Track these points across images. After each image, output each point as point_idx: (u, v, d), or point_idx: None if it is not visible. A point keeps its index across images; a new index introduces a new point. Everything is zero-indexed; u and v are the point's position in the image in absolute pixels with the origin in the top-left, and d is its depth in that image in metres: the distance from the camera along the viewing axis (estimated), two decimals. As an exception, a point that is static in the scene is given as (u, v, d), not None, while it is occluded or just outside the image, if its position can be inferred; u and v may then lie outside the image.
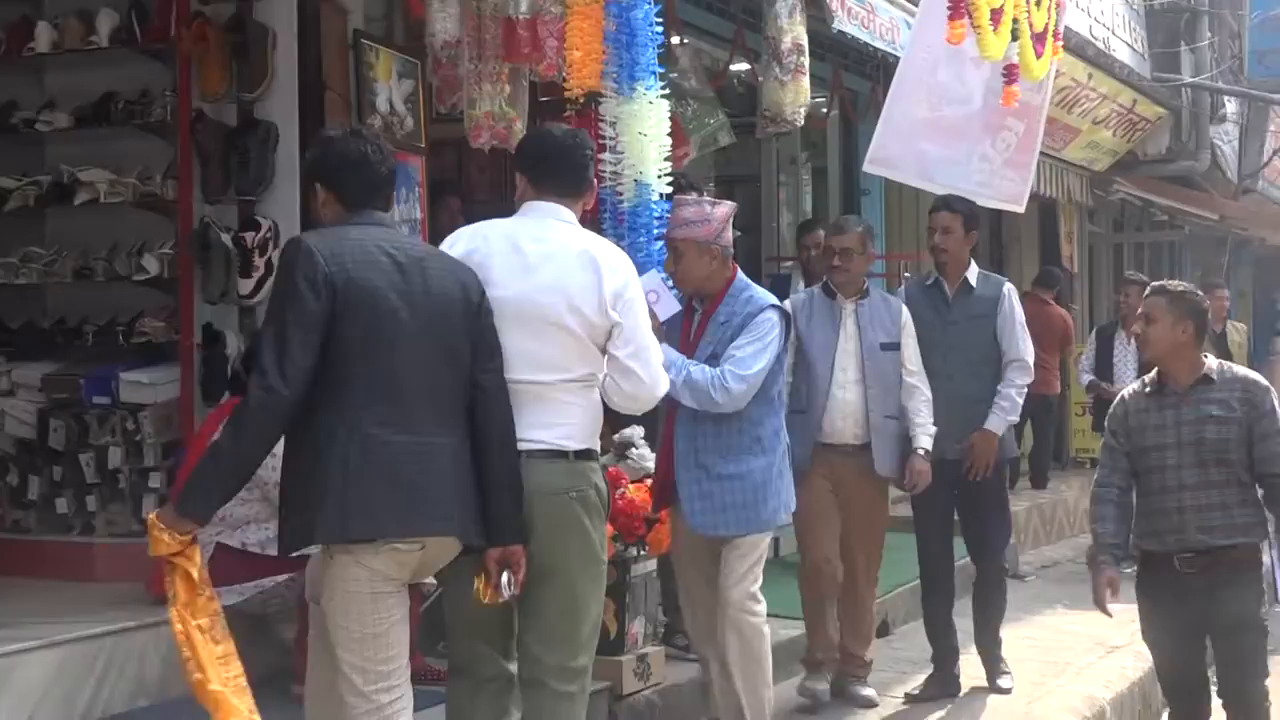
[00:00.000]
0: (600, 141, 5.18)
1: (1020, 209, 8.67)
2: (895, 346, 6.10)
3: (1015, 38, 7.40)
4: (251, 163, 5.89)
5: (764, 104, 6.93)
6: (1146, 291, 5.23)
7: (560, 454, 3.99)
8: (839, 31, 7.53)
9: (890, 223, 11.30)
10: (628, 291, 4.05)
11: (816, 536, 6.00)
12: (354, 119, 5.98)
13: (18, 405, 6.25)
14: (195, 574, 3.58)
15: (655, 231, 5.15)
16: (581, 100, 5.27)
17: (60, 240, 6.51)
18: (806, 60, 6.82)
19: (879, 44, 7.91)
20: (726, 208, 5.29)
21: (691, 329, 5.27)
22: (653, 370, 4.10)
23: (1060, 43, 8.37)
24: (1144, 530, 5.08)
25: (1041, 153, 9.25)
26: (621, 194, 5.14)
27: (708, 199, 5.33)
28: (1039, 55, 7.74)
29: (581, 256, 4.02)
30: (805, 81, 6.83)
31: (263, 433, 3.61)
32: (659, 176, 5.16)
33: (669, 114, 5.30)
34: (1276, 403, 5.00)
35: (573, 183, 4.18)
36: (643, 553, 5.65)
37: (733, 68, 8.53)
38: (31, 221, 6.72)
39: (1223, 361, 5.18)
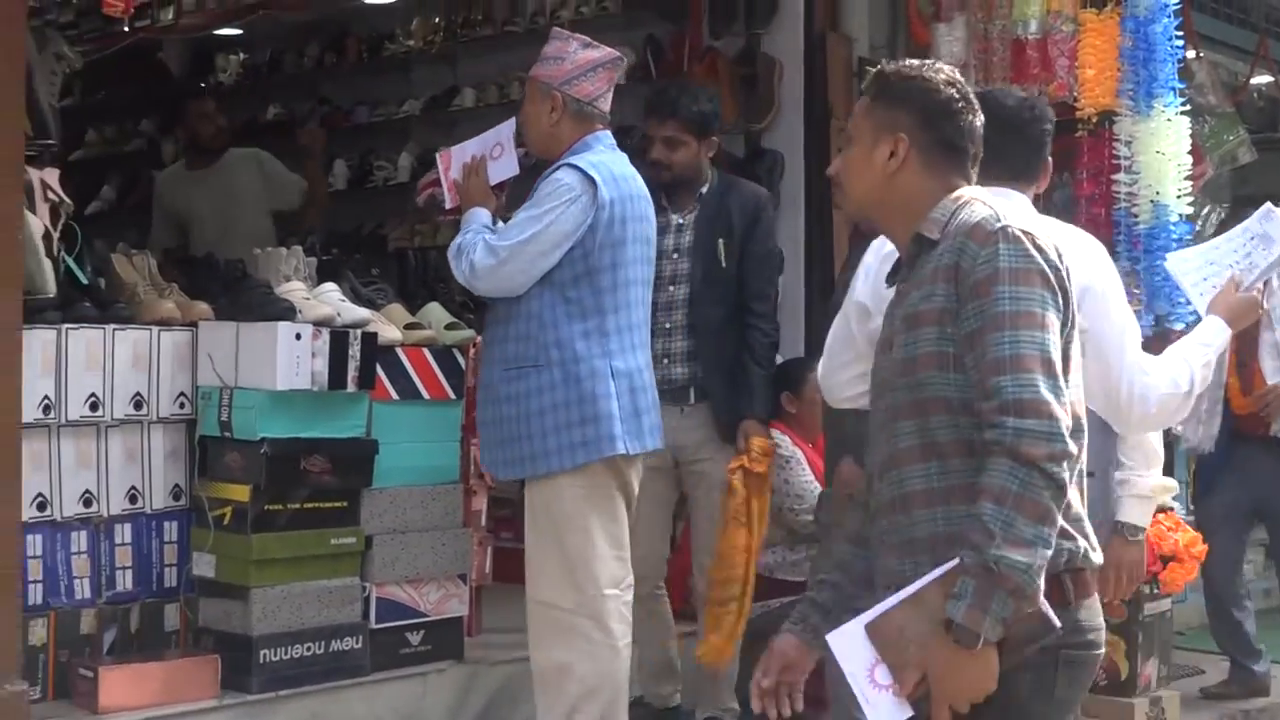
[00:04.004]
0: (1115, 162, 5.02)
1: None
2: None
3: None
4: (759, 192, 6.04)
5: (1286, 118, 6.53)
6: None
7: None
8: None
9: None
10: (1097, 285, 3.20)
11: None
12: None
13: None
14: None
15: (1175, 255, 4.91)
16: (1094, 120, 5.11)
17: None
18: (1336, 70, 6.36)
19: None
20: (599, 54, 4.13)
21: None
22: (1133, 385, 3.16)
23: None
24: None
25: None
26: (1137, 215, 4.93)
27: (586, 39, 4.20)
28: None
29: None
30: (1333, 93, 6.38)
31: None
32: (1178, 197, 4.93)
33: (1188, 131, 5.07)
34: (1010, 273, 2.43)
35: (1025, 166, 3.40)
36: (1156, 590, 5.39)
37: (1253, 81, 8.07)
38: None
39: (976, 199, 2.58)
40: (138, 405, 4.28)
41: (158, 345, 4.33)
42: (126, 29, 6.89)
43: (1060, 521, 2.37)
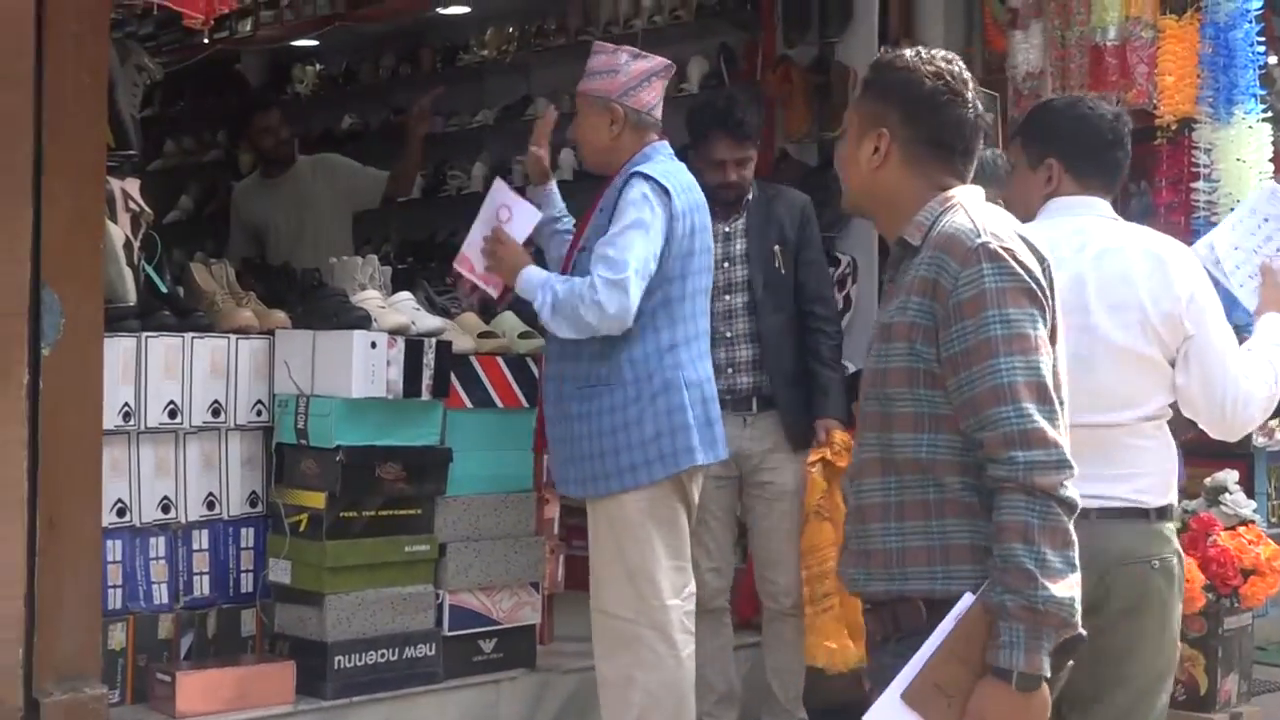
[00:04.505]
0: (1194, 169, 4.97)
1: None
2: None
3: None
4: (831, 201, 6.01)
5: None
6: None
7: (1140, 512, 3.23)
8: None
9: None
10: (1200, 296, 3.24)
11: None
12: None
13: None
14: None
15: (1255, 262, 4.84)
16: (1173, 127, 5.05)
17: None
18: None
19: None
20: (650, 63, 4.15)
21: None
22: (1237, 393, 3.21)
23: None
24: None
25: None
26: (1217, 224, 4.86)
27: (633, 49, 4.24)
28: None
29: (1145, 256, 3.22)
30: None
31: None
32: (1260, 205, 4.86)
33: (1269, 138, 5.01)
34: (997, 294, 2.32)
35: (1118, 176, 3.42)
36: (1236, 604, 5.31)
37: (1337, 86, 7.93)
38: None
39: (961, 205, 2.44)
40: (216, 413, 4.33)
41: (235, 353, 4.37)
42: (205, 41, 6.97)
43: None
